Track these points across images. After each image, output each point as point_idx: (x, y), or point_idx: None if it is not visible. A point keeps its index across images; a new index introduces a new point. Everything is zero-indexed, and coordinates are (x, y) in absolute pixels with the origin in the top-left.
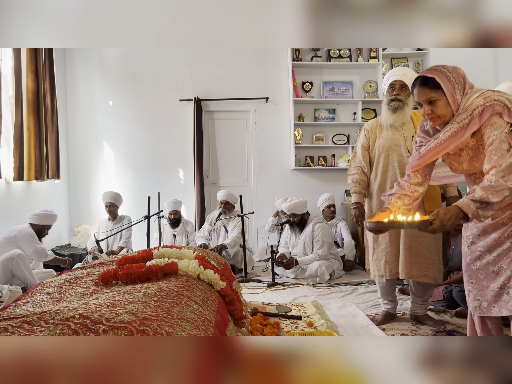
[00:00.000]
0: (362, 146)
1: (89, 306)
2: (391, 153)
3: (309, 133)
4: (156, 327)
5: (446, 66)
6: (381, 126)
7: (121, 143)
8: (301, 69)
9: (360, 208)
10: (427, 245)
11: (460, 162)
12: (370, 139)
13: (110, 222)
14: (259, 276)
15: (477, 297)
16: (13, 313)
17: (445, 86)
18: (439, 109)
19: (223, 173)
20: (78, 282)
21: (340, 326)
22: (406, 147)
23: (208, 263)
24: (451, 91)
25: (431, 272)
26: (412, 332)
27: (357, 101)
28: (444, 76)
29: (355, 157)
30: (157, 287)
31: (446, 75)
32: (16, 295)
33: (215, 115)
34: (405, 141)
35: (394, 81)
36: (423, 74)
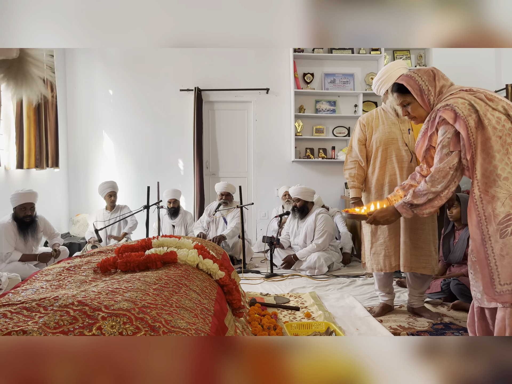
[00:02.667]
0: (358, 140)
1: (88, 293)
2: (389, 146)
3: (309, 125)
4: (155, 315)
5: (420, 70)
6: (378, 119)
7: (121, 133)
8: (302, 60)
9: (359, 203)
10: (425, 237)
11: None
12: (367, 133)
13: (107, 212)
14: (257, 267)
15: (473, 287)
16: (12, 299)
17: (413, 90)
18: (413, 111)
19: (223, 164)
20: (77, 270)
21: (338, 318)
22: (403, 140)
23: (207, 252)
24: (419, 93)
25: (430, 263)
26: (409, 324)
27: (358, 93)
28: (412, 81)
29: (351, 151)
30: (156, 275)
31: (415, 80)
32: (15, 282)
33: (215, 105)
34: (402, 134)
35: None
36: (396, 81)
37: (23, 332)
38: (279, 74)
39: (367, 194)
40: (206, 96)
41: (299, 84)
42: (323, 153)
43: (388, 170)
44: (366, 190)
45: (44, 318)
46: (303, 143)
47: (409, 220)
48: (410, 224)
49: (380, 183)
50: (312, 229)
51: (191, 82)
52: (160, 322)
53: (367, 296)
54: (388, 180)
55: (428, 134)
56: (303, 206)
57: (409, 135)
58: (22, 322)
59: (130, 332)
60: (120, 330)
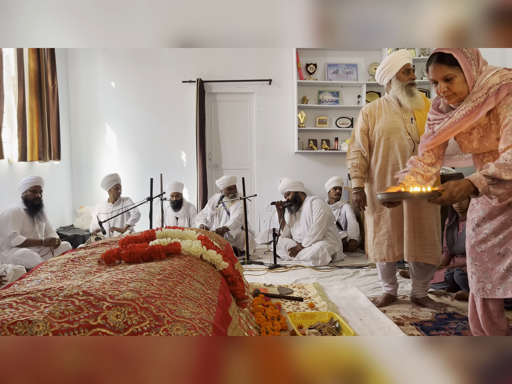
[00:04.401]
0: (361, 130)
1: (93, 283)
2: (391, 136)
3: (312, 116)
4: (159, 304)
5: (462, 47)
6: (380, 109)
7: (124, 125)
8: (305, 51)
9: (361, 192)
10: (429, 226)
11: (470, 141)
12: (369, 123)
13: (110, 204)
14: (261, 259)
15: (480, 279)
16: (17, 290)
17: (463, 62)
18: (455, 86)
19: (226, 156)
20: (81, 261)
21: (341, 308)
22: (406, 130)
23: (210, 243)
24: (468, 67)
25: (435, 253)
26: (412, 314)
27: (361, 84)
28: (461, 52)
29: (354, 141)
30: (160, 266)
31: (462, 51)
32: (19, 274)
33: (218, 97)
34: (405, 124)
35: (407, 64)
36: (440, 50)
37: (29, 322)
38: (281, 65)
39: (370, 184)
40: (209, 87)
41: (302, 75)
42: (326, 144)
43: (391, 159)
44: (369, 180)
45: (50, 308)
46: (306, 134)
47: (412, 209)
48: (414, 213)
49: (382, 172)
50: (310, 215)
51: (193, 73)
52: (164, 312)
53: (370, 287)
54: (390, 169)
55: (480, 113)
56: (295, 196)
57: (412, 124)
58: (28, 312)
59: (134, 322)
60: (125, 319)
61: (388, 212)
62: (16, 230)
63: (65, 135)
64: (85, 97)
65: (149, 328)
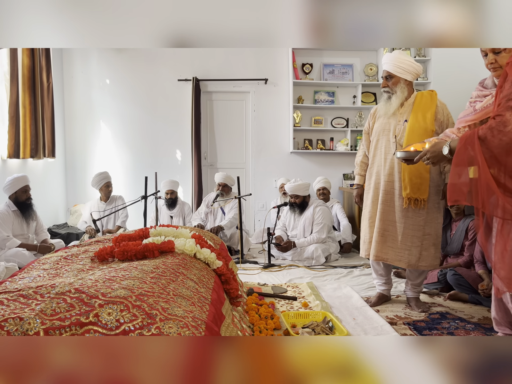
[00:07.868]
0: (364, 130)
1: (85, 281)
2: (381, 138)
3: (308, 116)
4: (152, 302)
5: None
6: (382, 110)
7: (119, 123)
8: (301, 51)
9: (360, 189)
10: (404, 231)
11: None
12: (371, 123)
13: (102, 203)
14: (255, 258)
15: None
16: (9, 287)
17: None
18: (502, 59)
19: (221, 155)
20: (74, 259)
21: (335, 307)
22: (394, 132)
23: (204, 242)
24: None
25: (406, 257)
26: (405, 314)
27: (357, 84)
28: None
29: (362, 140)
30: (153, 264)
31: None
32: (12, 272)
33: (213, 96)
34: (396, 126)
35: (384, 70)
36: None
37: (20, 319)
38: (277, 65)
39: (367, 182)
40: (204, 86)
41: (297, 75)
42: (322, 144)
43: (376, 161)
44: (366, 178)
45: (41, 305)
46: (301, 134)
47: (387, 212)
48: (388, 216)
49: (369, 172)
50: (310, 223)
51: (189, 72)
52: (157, 310)
53: (364, 287)
54: (376, 170)
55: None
56: (302, 201)
57: (402, 126)
58: (19, 309)
59: (127, 320)
60: (117, 317)
61: (366, 211)
62: (9, 233)
63: (60, 133)
64: (80, 95)
65: (141, 326)
